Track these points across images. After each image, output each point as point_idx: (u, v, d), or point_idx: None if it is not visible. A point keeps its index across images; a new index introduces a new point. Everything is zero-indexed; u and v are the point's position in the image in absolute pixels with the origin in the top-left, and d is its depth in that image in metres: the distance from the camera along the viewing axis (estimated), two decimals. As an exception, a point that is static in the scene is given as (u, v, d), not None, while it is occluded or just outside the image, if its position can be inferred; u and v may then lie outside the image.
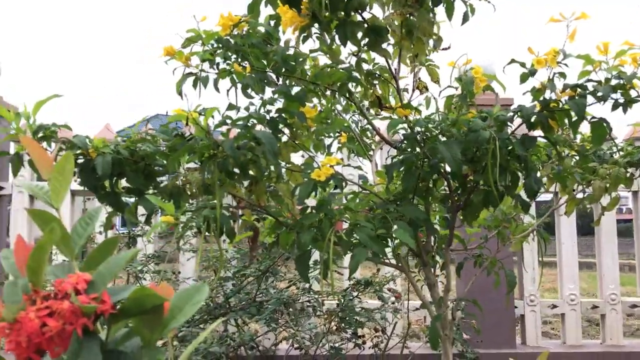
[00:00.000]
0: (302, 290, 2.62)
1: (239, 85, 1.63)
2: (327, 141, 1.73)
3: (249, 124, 1.37)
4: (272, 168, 1.42)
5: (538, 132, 1.62)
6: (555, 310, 3.55)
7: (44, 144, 1.41)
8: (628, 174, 1.90)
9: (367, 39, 1.44)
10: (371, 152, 2.09)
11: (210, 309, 2.56)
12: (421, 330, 2.98)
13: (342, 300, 2.56)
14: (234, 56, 1.63)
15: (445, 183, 1.65)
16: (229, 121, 1.39)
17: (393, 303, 2.69)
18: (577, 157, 1.89)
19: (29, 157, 0.64)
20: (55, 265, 0.59)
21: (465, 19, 1.50)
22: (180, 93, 1.66)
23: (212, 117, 1.34)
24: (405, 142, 1.59)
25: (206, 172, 1.37)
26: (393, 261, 1.75)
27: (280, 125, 1.48)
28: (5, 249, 0.59)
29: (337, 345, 2.54)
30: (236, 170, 1.41)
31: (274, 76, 1.69)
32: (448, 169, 1.62)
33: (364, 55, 1.60)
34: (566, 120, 1.55)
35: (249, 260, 2.58)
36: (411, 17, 1.49)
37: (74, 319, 0.50)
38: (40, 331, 0.49)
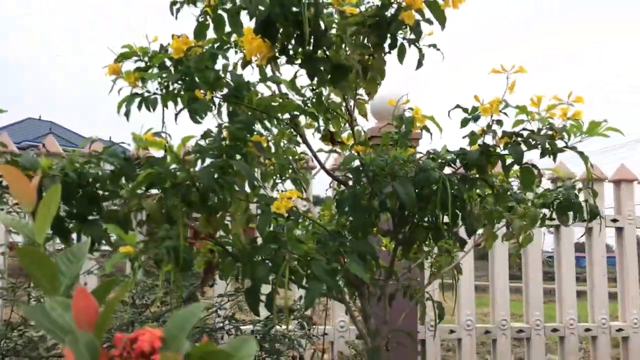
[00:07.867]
0: (222, 318, 2.55)
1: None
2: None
3: (213, 152, 1.34)
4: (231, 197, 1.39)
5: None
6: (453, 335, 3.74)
7: None
8: (541, 215, 2.07)
9: (330, 75, 1.47)
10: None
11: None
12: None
13: (265, 327, 2.52)
14: (180, 81, 1.59)
15: (390, 219, 1.71)
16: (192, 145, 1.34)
17: (308, 330, 2.70)
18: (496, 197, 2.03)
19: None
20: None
21: (419, 64, 1.58)
22: (127, 114, 1.58)
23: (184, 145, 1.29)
24: (353, 177, 1.62)
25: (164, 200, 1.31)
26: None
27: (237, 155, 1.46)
28: (57, 298, 0.53)
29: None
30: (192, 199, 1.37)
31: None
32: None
33: (322, 91, 1.63)
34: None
35: (200, 290, 2.48)
36: (369, 58, 1.54)
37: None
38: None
